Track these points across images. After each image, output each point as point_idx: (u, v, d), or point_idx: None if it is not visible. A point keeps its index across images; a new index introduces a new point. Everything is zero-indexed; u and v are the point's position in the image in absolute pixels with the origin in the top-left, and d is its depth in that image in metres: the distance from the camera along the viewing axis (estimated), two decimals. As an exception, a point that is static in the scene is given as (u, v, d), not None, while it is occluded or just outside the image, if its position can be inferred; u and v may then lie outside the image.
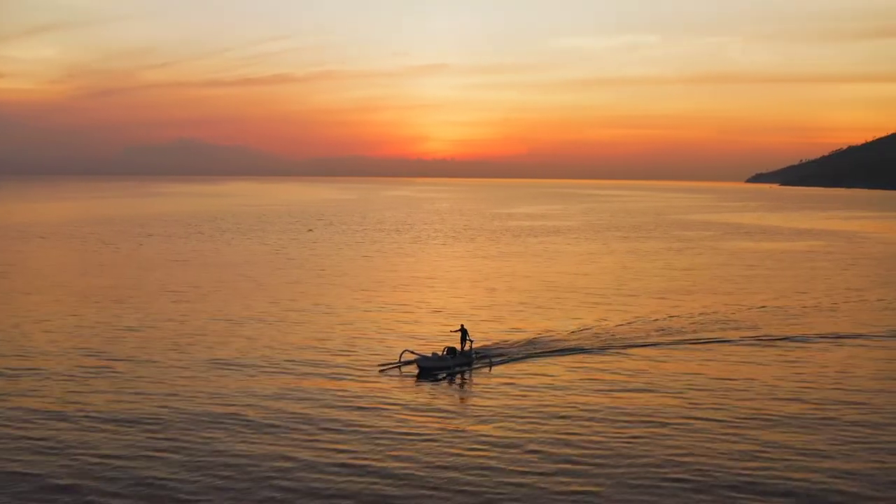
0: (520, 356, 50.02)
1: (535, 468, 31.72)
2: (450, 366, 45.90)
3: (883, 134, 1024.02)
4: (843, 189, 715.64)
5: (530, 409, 39.12)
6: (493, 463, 32.13)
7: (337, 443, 34.30)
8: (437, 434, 35.52)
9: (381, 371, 45.76)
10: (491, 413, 38.59)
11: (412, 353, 47.70)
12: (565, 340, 55.09)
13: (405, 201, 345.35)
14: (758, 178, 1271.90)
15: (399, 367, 46.41)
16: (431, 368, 45.34)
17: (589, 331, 58.71)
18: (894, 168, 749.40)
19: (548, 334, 57.19)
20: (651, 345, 54.26)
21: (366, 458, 32.50)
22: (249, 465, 31.83)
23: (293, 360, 48.82)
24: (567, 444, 34.34)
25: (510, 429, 36.26)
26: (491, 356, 48.74)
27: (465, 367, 46.55)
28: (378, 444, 34.11)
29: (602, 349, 52.75)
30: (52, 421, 36.76)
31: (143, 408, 38.76)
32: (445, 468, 31.59)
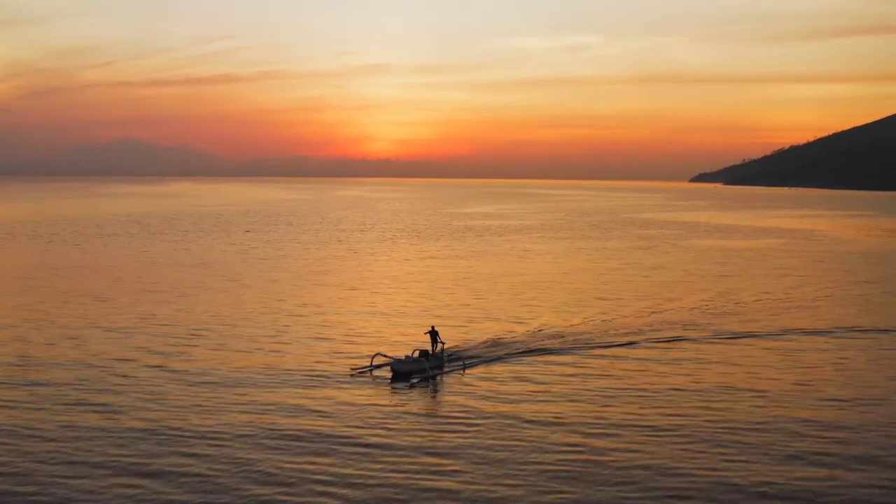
0: (492, 358, 48.94)
1: (512, 474, 30.51)
2: (423, 369, 44.49)
3: (824, 134, 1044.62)
4: (786, 188, 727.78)
5: (505, 414, 37.73)
6: (468, 469, 30.80)
7: (307, 451, 32.59)
8: (413, 440, 34.11)
9: (353, 375, 44.33)
10: (466, 417, 37.23)
11: (384, 356, 46.36)
12: (541, 340, 54.27)
13: (358, 201, 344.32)
14: (701, 178, 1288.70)
15: (371, 370, 44.98)
16: (405, 372, 43.98)
17: (564, 331, 57.86)
18: (835, 168, 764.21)
19: (521, 334, 56.31)
20: (628, 344, 53.80)
21: (339, 467, 30.98)
22: (216, 475, 30.04)
23: (265, 365, 46.61)
24: (544, 449, 33.02)
25: (486, 434, 34.94)
26: (464, 358, 47.58)
27: (438, 370, 45.15)
28: (351, 452, 32.52)
29: (577, 349, 51.95)
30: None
31: (118, 420, 36.20)
32: (421, 474, 30.25)
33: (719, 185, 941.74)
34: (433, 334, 47.22)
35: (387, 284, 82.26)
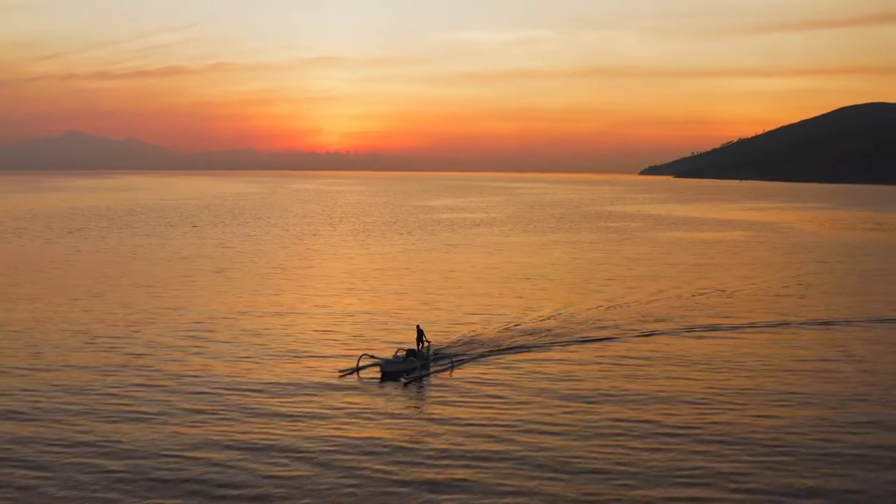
0: (481, 355, 48.05)
1: (508, 472, 29.99)
2: (413, 368, 43.39)
3: (773, 127, 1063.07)
4: (736, 181, 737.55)
5: (497, 412, 36.96)
6: (460, 473, 29.82)
7: (298, 455, 31.41)
8: (405, 443, 33.02)
9: (342, 377, 42.75)
10: (458, 417, 36.26)
11: (371, 356, 45.08)
12: (530, 335, 53.70)
13: (317, 194, 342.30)
14: (651, 171, 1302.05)
15: (357, 371, 43.54)
16: (394, 372, 42.79)
17: (553, 324, 57.53)
18: (783, 160, 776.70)
19: (510, 329, 55.53)
20: (614, 339, 53.46)
21: (330, 471, 29.91)
22: (207, 481, 29.05)
23: (250, 368, 44.60)
24: (539, 448, 32.36)
25: (477, 435, 34.00)
26: (452, 357, 46.42)
27: (425, 370, 43.81)
28: (342, 456, 31.34)
29: (569, 343, 51.63)
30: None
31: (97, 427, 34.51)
32: (413, 481, 29.24)
33: (670, 178, 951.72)
34: (419, 333, 46.19)
35: (370, 280, 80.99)
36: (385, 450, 32.04)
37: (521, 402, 38.55)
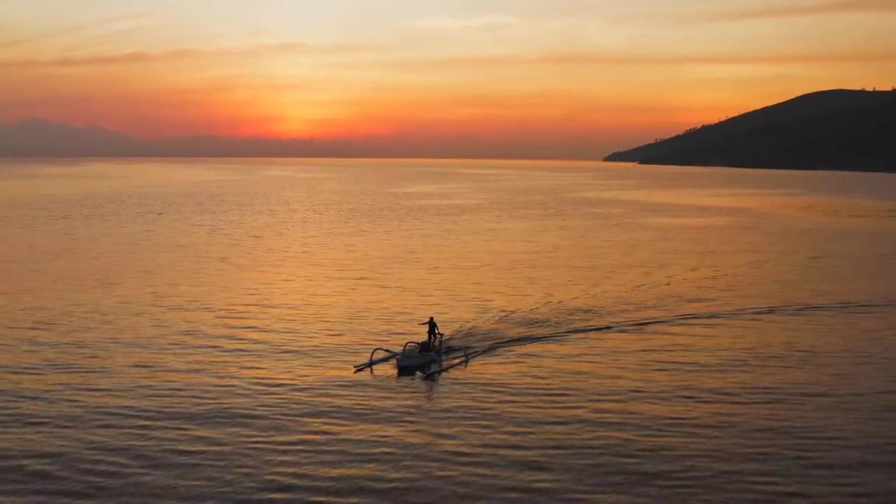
0: (493, 346, 46.56)
1: (532, 465, 29.25)
2: (428, 362, 41.99)
3: (735, 114, 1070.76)
4: (701, 167, 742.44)
5: (516, 405, 35.74)
6: (480, 471, 28.69)
7: (318, 457, 29.85)
8: (431, 438, 31.76)
9: (357, 371, 41.02)
10: (478, 410, 34.98)
11: (385, 350, 43.53)
12: (542, 324, 52.89)
13: (290, 181, 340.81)
14: (615, 157, 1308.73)
15: (371, 366, 41.76)
16: (411, 366, 41.34)
17: (567, 311, 57.00)
18: (747, 147, 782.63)
19: (522, 318, 54.54)
20: (644, 323, 53.69)
21: (350, 473, 28.51)
22: (222, 480, 27.81)
23: (264, 366, 42.20)
24: (561, 445, 31.16)
25: (498, 429, 32.91)
26: (466, 349, 44.83)
27: (441, 364, 42.16)
28: (362, 457, 29.84)
29: (586, 330, 51.20)
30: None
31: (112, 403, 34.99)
32: (439, 471, 28.55)
33: (635, 165, 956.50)
34: (431, 325, 44.44)
35: (377, 268, 79.65)
36: (409, 450, 30.52)
37: (543, 396, 37.33)
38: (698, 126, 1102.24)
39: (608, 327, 52.48)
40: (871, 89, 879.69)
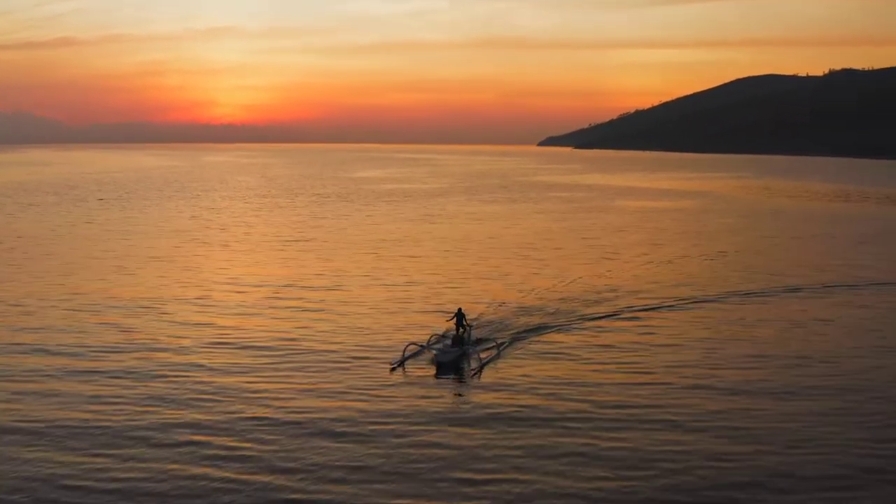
0: (518, 337, 44.31)
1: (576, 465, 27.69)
2: (464, 356, 39.70)
3: (669, 98, 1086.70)
4: (636, 151, 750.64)
5: (567, 405, 33.54)
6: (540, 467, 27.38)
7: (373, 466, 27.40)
8: (493, 448, 29.09)
9: (393, 370, 38.12)
10: (529, 415, 32.49)
11: (416, 345, 40.92)
12: (562, 307, 52.13)
13: (238, 167, 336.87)
14: (549, 142, 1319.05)
15: (403, 363, 38.94)
16: (448, 363, 38.67)
17: (586, 295, 56.37)
18: (681, 131, 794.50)
19: (539, 303, 53.40)
20: (659, 308, 53.08)
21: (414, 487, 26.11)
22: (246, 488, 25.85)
23: (294, 368, 38.67)
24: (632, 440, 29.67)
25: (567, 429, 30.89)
26: (497, 341, 42.48)
27: (480, 358, 39.44)
28: (426, 466, 27.53)
29: (615, 314, 50.58)
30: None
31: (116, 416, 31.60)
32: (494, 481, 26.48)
33: (571, 149, 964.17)
34: (459, 317, 41.82)
35: (380, 255, 77.37)
36: (471, 455, 28.36)
37: (588, 387, 35.86)
38: (632, 111, 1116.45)
39: (655, 307, 53.15)
40: (803, 74, 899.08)
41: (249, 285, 60.39)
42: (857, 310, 53.56)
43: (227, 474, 26.67)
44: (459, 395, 35.34)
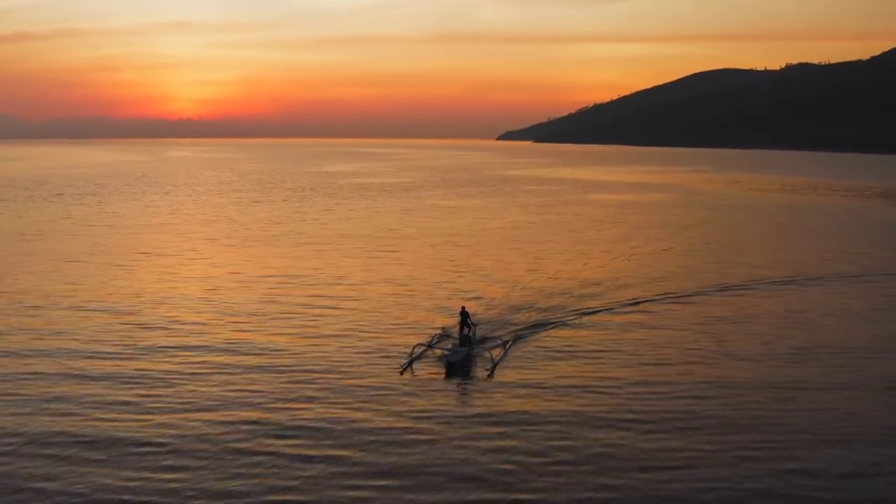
0: (522, 334, 43.59)
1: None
2: (473, 356, 38.99)
3: (627, 92, 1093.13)
4: (596, 145, 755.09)
5: (583, 403, 32.99)
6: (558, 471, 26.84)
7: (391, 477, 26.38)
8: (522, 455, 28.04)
9: (403, 372, 36.97)
10: (550, 412, 32.01)
11: (423, 345, 40.02)
12: (565, 300, 52.13)
13: (203, 162, 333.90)
14: (508, 136, 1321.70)
15: (411, 364, 37.80)
16: (458, 363, 37.93)
17: (590, 284, 57.51)
18: (639, 125, 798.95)
19: (540, 297, 53.18)
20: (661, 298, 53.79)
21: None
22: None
23: (302, 372, 37.12)
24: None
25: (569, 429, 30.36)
26: (503, 339, 41.72)
27: (494, 358, 38.57)
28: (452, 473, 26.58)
29: (617, 307, 50.69)
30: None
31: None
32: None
33: (531, 143, 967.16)
34: (463, 315, 40.96)
35: (373, 250, 76.80)
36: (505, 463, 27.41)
37: (601, 385, 35.27)
38: (590, 105, 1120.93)
39: (659, 300, 54.15)
40: (760, 69, 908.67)
41: (249, 284, 59.83)
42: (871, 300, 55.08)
43: (244, 479, 26.01)
44: (475, 395, 34.56)
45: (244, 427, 30.16)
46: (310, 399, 33.25)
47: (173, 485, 25.62)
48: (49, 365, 37.77)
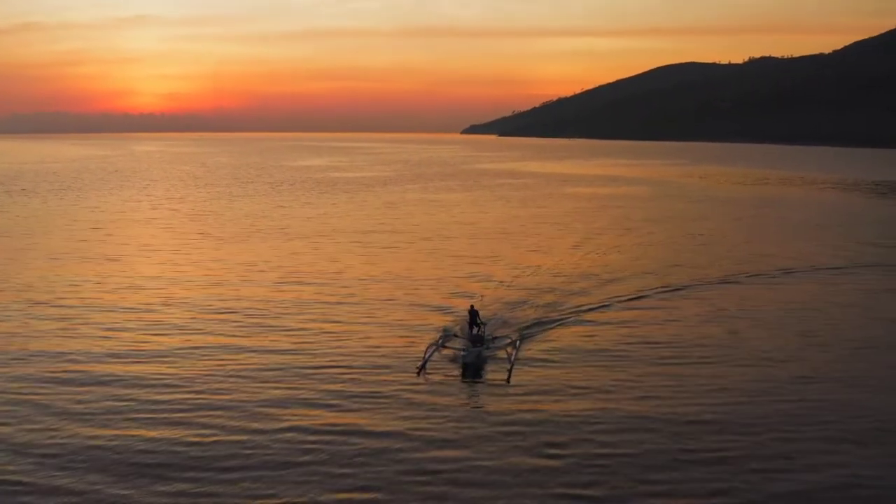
0: (531, 332, 42.99)
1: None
2: (486, 356, 38.57)
3: (591, 86, 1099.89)
4: (562, 139, 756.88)
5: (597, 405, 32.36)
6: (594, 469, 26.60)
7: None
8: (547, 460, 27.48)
9: (420, 373, 36.31)
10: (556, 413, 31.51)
11: (435, 345, 39.23)
12: (567, 296, 51.97)
13: (173, 156, 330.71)
14: (473, 130, 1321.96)
15: (425, 365, 37.01)
16: (473, 363, 37.56)
17: (591, 281, 57.14)
18: (604, 119, 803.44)
19: (541, 292, 52.88)
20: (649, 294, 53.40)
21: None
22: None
23: (318, 375, 35.85)
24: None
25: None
26: (512, 337, 40.98)
27: (512, 359, 37.92)
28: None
29: (609, 304, 50.14)
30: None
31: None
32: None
33: (496, 137, 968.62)
34: (472, 314, 40.72)
35: (366, 245, 76.72)
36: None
37: (615, 383, 34.97)
38: (554, 99, 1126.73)
39: (661, 293, 54.94)
40: (724, 62, 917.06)
41: (249, 281, 59.20)
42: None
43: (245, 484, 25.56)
44: (495, 396, 33.75)
45: (264, 430, 29.67)
46: (329, 405, 32.26)
47: (173, 486, 25.44)
48: (73, 367, 37.80)
